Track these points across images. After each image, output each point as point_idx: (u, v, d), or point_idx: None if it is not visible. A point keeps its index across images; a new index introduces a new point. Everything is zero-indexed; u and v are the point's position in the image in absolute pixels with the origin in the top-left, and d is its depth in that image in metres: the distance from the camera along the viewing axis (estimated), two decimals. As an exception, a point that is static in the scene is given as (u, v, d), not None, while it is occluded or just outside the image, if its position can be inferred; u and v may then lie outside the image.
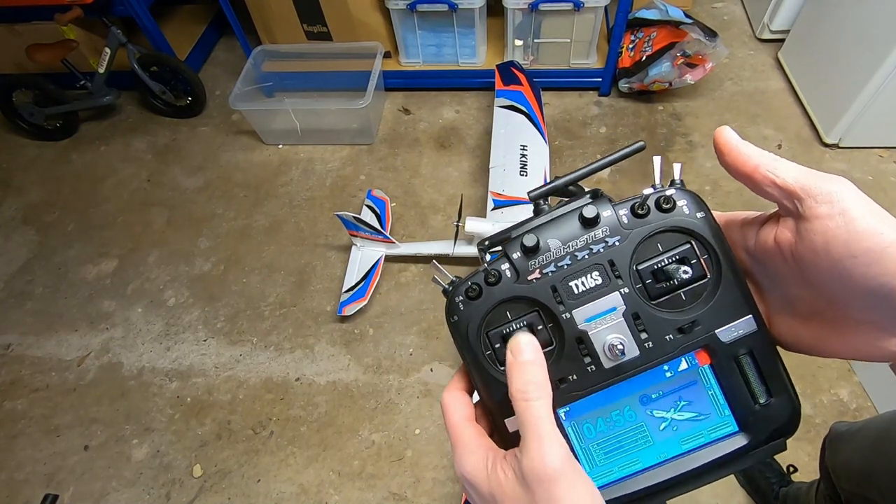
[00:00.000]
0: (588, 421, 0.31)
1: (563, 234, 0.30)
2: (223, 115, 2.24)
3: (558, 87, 2.11)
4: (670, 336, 0.30)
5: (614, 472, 0.32)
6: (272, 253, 1.80)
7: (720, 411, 0.31)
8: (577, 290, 0.30)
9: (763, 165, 0.27)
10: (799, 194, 0.26)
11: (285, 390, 1.51)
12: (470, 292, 0.31)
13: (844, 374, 1.38)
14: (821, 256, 0.25)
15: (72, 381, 1.59)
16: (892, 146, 1.77)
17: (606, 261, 0.30)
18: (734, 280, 0.30)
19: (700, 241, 0.30)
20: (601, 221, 0.30)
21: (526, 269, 0.30)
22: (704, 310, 0.30)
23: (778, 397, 0.31)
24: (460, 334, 0.31)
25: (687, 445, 0.31)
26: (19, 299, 1.79)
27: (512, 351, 0.29)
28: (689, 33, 1.82)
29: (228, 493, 1.36)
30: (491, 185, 1.57)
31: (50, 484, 1.42)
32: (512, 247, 0.31)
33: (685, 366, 0.31)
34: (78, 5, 1.84)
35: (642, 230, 0.30)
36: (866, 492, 0.74)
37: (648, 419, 0.31)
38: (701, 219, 0.30)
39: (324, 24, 2.07)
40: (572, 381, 0.30)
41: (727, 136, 0.29)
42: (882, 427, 0.75)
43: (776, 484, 1.17)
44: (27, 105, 2.09)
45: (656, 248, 0.30)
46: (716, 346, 0.30)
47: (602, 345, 0.30)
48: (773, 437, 0.31)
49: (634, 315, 0.30)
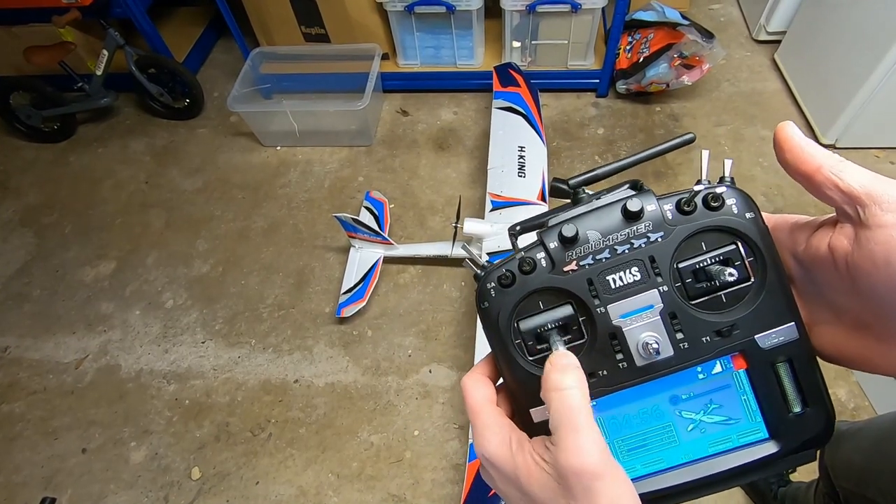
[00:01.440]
0: (615, 416, 0.31)
1: (603, 226, 0.29)
2: (221, 117, 2.24)
3: (556, 88, 2.12)
4: (707, 338, 0.29)
5: (637, 468, 0.31)
6: (270, 254, 1.80)
7: (752, 417, 0.30)
8: (614, 285, 0.29)
9: (827, 167, 0.26)
10: (864, 200, 0.24)
11: (284, 392, 1.51)
12: (503, 280, 0.30)
13: (843, 374, 1.38)
14: (880, 268, 0.24)
15: (70, 383, 1.59)
16: (889, 146, 1.78)
17: (647, 257, 0.29)
18: (779, 285, 0.28)
19: (746, 243, 0.29)
20: (644, 216, 0.29)
21: (563, 259, 0.29)
22: (745, 314, 0.29)
23: (813, 407, 0.30)
24: (490, 321, 0.31)
25: (714, 448, 0.30)
26: (17, 301, 1.78)
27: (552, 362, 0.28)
28: (686, 35, 1.83)
29: (227, 496, 1.36)
30: (489, 186, 1.57)
31: (48, 486, 1.42)
32: (549, 235, 0.29)
33: (719, 369, 0.30)
34: (76, 7, 1.84)
35: (687, 227, 0.28)
36: (866, 491, 0.75)
37: (677, 419, 0.30)
38: (750, 219, 0.28)
39: (322, 26, 2.07)
40: (602, 377, 0.30)
41: (790, 132, 0.27)
42: (885, 427, 0.76)
43: (775, 484, 1.17)
44: (25, 107, 2.09)
45: (700, 246, 0.29)
46: (753, 351, 0.29)
47: (636, 342, 0.29)
48: (804, 446, 0.30)
49: (671, 314, 0.29)
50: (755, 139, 1.90)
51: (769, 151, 1.84)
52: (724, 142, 1.91)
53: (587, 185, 0.32)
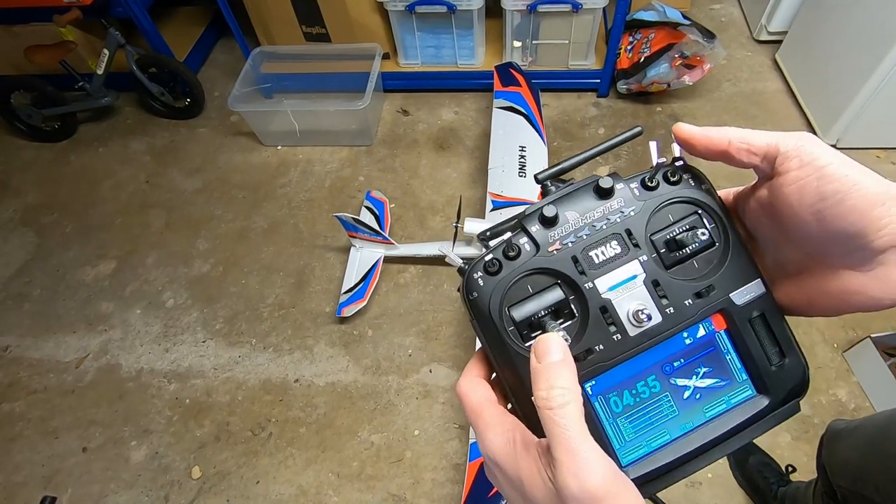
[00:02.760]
0: (615, 394, 0.31)
1: (580, 206, 0.31)
2: (222, 117, 2.24)
3: (557, 88, 2.12)
4: (689, 301, 0.31)
5: (643, 445, 0.32)
6: (271, 254, 1.80)
7: (738, 376, 0.32)
8: (597, 260, 0.30)
9: (734, 138, 0.29)
10: (771, 153, 0.28)
11: (284, 391, 1.51)
12: (490, 267, 0.30)
13: (843, 374, 1.38)
14: (795, 207, 0.27)
15: (70, 382, 1.59)
16: (890, 147, 1.78)
17: (624, 230, 0.31)
18: (740, 247, 0.31)
19: (707, 211, 0.31)
20: (616, 193, 0.31)
21: (546, 240, 0.30)
22: (717, 275, 0.31)
23: (790, 358, 0.31)
24: (481, 312, 0.31)
25: (710, 413, 0.32)
26: (17, 301, 1.78)
27: (536, 353, 0.28)
28: (687, 35, 1.83)
29: (227, 495, 1.36)
30: (490, 186, 1.57)
31: (48, 486, 1.42)
32: (530, 220, 0.31)
33: (703, 332, 0.31)
34: (77, 7, 1.84)
35: (654, 201, 0.31)
36: (863, 489, 0.75)
37: (672, 388, 0.32)
38: (706, 190, 0.31)
39: (322, 26, 2.07)
40: (599, 352, 0.30)
41: (687, 128, 0.31)
42: (879, 425, 0.76)
43: (775, 484, 1.17)
44: (25, 106, 2.09)
45: (668, 218, 0.31)
46: (731, 308, 0.31)
47: (626, 312, 0.30)
48: (788, 397, 0.32)
49: (654, 282, 0.31)
50: (756, 139, 1.89)
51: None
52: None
53: (553, 178, 0.33)
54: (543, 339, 0.28)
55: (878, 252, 0.26)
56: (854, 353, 1.38)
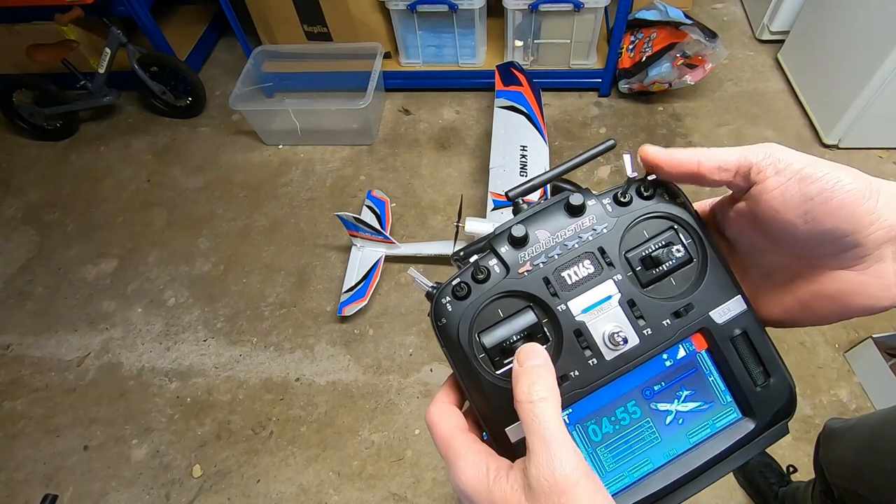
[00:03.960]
0: (593, 422, 0.30)
1: (550, 225, 0.30)
2: (223, 116, 2.24)
3: (558, 87, 2.11)
4: (667, 321, 0.29)
5: (625, 476, 0.30)
6: (272, 253, 1.80)
7: (722, 398, 0.30)
8: (570, 280, 0.29)
9: (703, 159, 0.29)
10: (744, 165, 0.28)
11: (285, 390, 1.51)
12: (458, 291, 0.29)
13: (844, 374, 1.38)
14: (780, 211, 0.27)
15: (71, 381, 1.59)
16: (892, 147, 1.78)
17: (596, 248, 0.29)
18: (719, 262, 0.30)
19: (682, 226, 0.30)
20: (587, 210, 0.30)
21: (516, 262, 0.29)
22: (696, 293, 0.29)
23: (775, 377, 0.30)
24: (450, 338, 0.29)
25: (694, 438, 0.30)
26: (19, 299, 1.79)
27: (519, 359, 0.28)
28: (689, 34, 1.83)
29: (228, 494, 1.36)
30: (491, 185, 1.57)
31: (49, 484, 1.42)
32: (499, 241, 0.30)
33: (683, 353, 0.30)
34: (78, 5, 1.84)
35: (628, 217, 0.30)
36: (859, 488, 0.75)
37: (653, 413, 0.30)
38: (681, 204, 0.30)
39: (324, 25, 2.07)
40: (574, 378, 0.29)
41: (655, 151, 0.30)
42: (875, 425, 0.76)
43: (776, 484, 1.17)
44: (27, 105, 2.09)
45: (642, 234, 0.30)
46: (712, 327, 0.29)
47: (601, 335, 0.29)
48: (775, 419, 0.30)
49: (630, 302, 0.29)
50: (758, 139, 1.89)
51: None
52: (726, 142, 1.90)
53: (525, 195, 0.32)
54: (527, 346, 0.28)
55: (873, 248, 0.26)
56: (855, 353, 1.38)
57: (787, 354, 1.38)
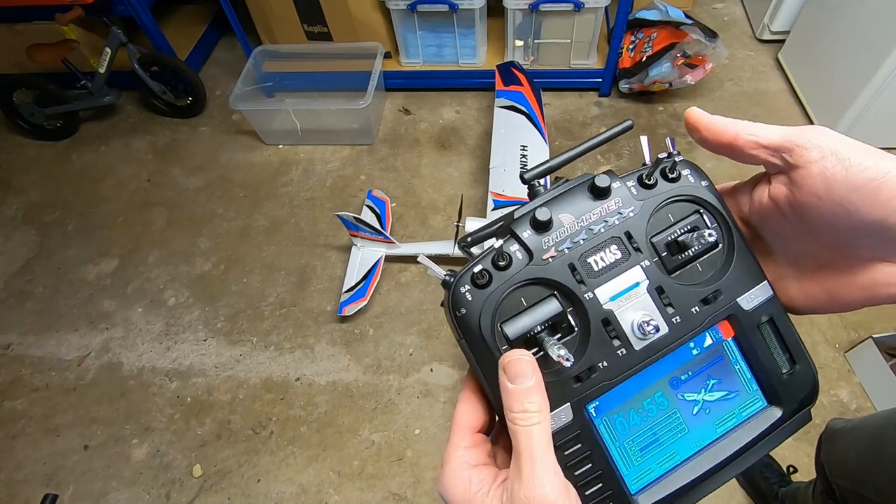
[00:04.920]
0: (620, 415, 0.29)
1: (575, 208, 0.28)
2: (223, 116, 2.24)
3: (558, 87, 2.11)
4: (696, 308, 0.28)
5: (653, 469, 0.29)
6: (272, 253, 1.80)
7: (748, 387, 0.30)
8: (597, 267, 0.28)
9: (741, 132, 0.28)
10: (786, 146, 0.26)
11: (285, 390, 1.51)
12: (478, 279, 0.27)
13: (844, 374, 1.38)
14: (823, 199, 0.25)
15: (72, 380, 1.59)
16: (893, 146, 1.78)
17: (623, 233, 0.28)
18: (745, 247, 0.29)
19: (708, 209, 0.29)
20: (613, 192, 0.28)
21: (540, 247, 0.28)
22: (724, 279, 0.28)
23: (800, 364, 0.29)
24: (471, 330, 0.28)
25: (721, 428, 0.30)
26: (19, 299, 1.79)
27: (507, 371, 0.27)
28: (690, 34, 1.83)
29: (228, 493, 1.36)
30: (491, 185, 1.57)
31: (50, 484, 1.42)
32: (520, 225, 0.28)
33: (710, 341, 0.29)
34: (79, 5, 1.84)
35: (654, 200, 0.28)
36: (861, 489, 0.75)
37: (681, 404, 0.29)
38: (706, 187, 0.29)
39: (324, 25, 2.07)
40: (603, 369, 0.28)
41: (698, 114, 0.29)
42: (878, 425, 0.76)
43: (776, 484, 1.17)
44: (28, 105, 2.09)
45: (668, 219, 0.29)
46: (739, 315, 0.29)
47: (630, 324, 0.28)
48: (801, 406, 0.30)
49: (659, 289, 0.28)
50: (758, 139, 1.89)
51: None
52: (726, 141, 1.90)
53: (541, 177, 0.31)
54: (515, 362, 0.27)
55: None
56: (856, 353, 1.38)
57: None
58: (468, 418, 0.30)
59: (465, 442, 0.29)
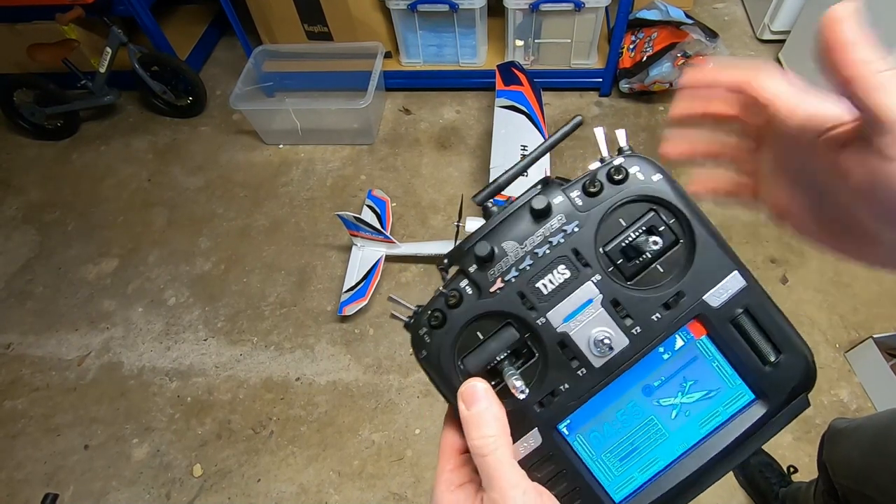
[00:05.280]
0: (594, 429, 0.29)
1: (516, 234, 0.28)
2: (224, 115, 2.24)
3: (559, 87, 2.11)
4: (657, 315, 0.27)
5: (636, 477, 0.29)
6: (272, 253, 1.80)
7: (730, 382, 0.28)
8: (546, 290, 0.27)
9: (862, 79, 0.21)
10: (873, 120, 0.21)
11: (285, 390, 1.51)
12: (433, 321, 0.28)
13: (845, 374, 1.38)
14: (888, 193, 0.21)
15: (72, 380, 1.59)
16: (893, 147, 1.78)
17: (570, 251, 0.27)
18: (710, 238, 0.27)
19: (664, 206, 0.27)
20: (554, 210, 0.27)
21: (486, 280, 0.28)
22: (686, 277, 0.27)
23: (787, 352, 0.28)
24: (434, 369, 0.29)
25: (706, 428, 0.29)
26: (20, 299, 1.79)
27: (463, 400, 0.27)
28: (690, 34, 1.83)
29: (228, 493, 1.36)
30: (491, 185, 1.57)
31: (50, 483, 1.42)
32: (466, 261, 0.28)
33: (681, 343, 0.28)
34: (79, 5, 1.84)
35: (600, 209, 0.27)
36: (864, 489, 0.75)
37: (657, 410, 0.29)
38: (659, 181, 0.27)
39: (324, 24, 2.07)
40: (565, 391, 0.28)
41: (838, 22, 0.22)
42: (882, 425, 0.76)
43: (776, 484, 1.17)
44: (28, 104, 2.09)
45: (619, 224, 0.28)
46: (708, 313, 0.27)
47: (587, 343, 0.27)
48: (792, 395, 0.28)
49: (613, 302, 0.27)
50: (758, 139, 1.89)
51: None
52: (727, 141, 1.90)
53: (492, 197, 0.30)
54: (469, 389, 0.27)
55: None
56: (856, 353, 1.38)
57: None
58: (452, 441, 0.31)
59: (450, 464, 0.30)
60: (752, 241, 1.63)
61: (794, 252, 1.60)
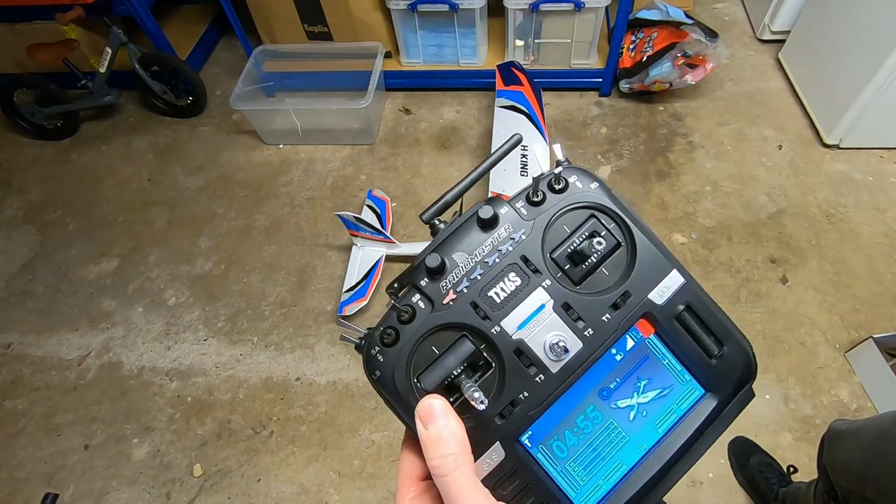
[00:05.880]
0: (555, 439, 0.29)
1: (466, 245, 0.28)
2: (224, 115, 2.24)
3: (559, 87, 2.11)
4: (607, 316, 0.28)
5: (601, 485, 0.29)
6: (273, 253, 1.80)
7: (681, 378, 0.29)
8: (498, 299, 0.28)
9: None
10: None
11: (285, 390, 1.51)
12: (385, 338, 0.28)
13: (845, 374, 1.38)
14: None
15: (72, 380, 1.60)
16: (893, 147, 1.77)
17: (519, 258, 0.28)
18: (648, 240, 0.29)
19: (603, 212, 0.29)
20: (501, 219, 0.28)
21: (439, 293, 0.28)
22: (630, 278, 0.28)
23: (729, 345, 0.29)
24: (388, 390, 0.28)
25: (663, 427, 0.29)
26: (20, 298, 1.79)
27: (421, 418, 0.27)
28: (690, 34, 1.83)
29: (229, 493, 1.36)
30: (491, 185, 1.57)
31: (50, 483, 1.42)
32: (417, 275, 0.28)
33: (632, 343, 0.29)
34: (79, 5, 1.84)
35: (544, 217, 0.28)
36: (865, 491, 0.75)
37: (615, 413, 0.29)
38: (596, 189, 0.29)
39: (324, 24, 2.07)
40: (525, 399, 0.28)
41: None
42: (882, 427, 0.76)
43: (776, 484, 1.17)
44: (28, 104, 2.10)
45: (563, 230, 0.29)
46: (654, 310, 0.28)
47: (542, 348, 0.28)
48: (738, 386, 0.29)
49: (565, 305, 0.28)
50: (758, 139, 1.89)
51: (772, 151, 1.84)
52: (727, 141, 1.90)
53: (438, 215, 0.31)
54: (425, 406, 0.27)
55: None
56: (856, 353, 1.38)
57: (788, 354, 1.37)
58: (411, 469, 0.30)
59: (409, 493, 0.29)
60: (752, 241, 1.63)
61: (794, 252, 1.60)
